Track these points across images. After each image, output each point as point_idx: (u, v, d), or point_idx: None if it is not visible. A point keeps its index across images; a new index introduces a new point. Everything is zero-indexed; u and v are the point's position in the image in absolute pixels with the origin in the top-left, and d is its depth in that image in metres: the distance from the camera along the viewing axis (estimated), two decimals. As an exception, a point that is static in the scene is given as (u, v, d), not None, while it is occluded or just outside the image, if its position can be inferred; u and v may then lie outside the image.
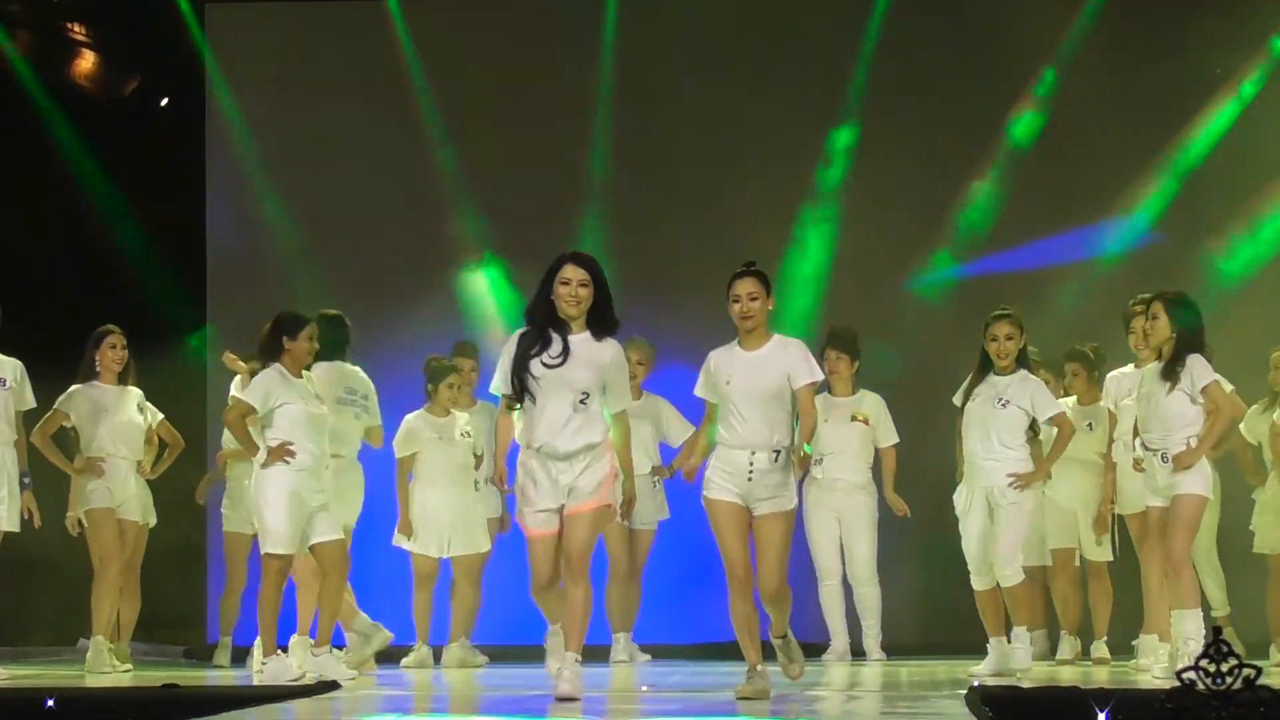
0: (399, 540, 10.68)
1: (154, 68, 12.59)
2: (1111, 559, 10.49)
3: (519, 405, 7.52)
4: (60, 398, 10.13)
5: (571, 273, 7.49)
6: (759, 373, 7.61)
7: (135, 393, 10.31)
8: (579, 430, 7.42)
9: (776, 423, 7.58)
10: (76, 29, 12.39)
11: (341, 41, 12.38)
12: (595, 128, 12.24)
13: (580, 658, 7.40)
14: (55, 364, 10.22)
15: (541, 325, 7.50)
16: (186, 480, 10.98)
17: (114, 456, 10.13)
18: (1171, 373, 8.63)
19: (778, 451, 7.56)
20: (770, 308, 7.67)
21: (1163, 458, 8.63)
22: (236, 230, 12.26)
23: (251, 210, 12.26)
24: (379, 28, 12.27)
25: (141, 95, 12.64)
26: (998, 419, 9.09)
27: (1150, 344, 8.98)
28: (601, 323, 7.54)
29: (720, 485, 7.62)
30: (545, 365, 7.43)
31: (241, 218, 12.27)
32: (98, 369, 10.18)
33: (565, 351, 7.43)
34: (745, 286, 7.64)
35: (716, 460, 7.66)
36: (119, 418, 10.16)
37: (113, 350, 10.20)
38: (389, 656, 10.33)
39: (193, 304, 12.27)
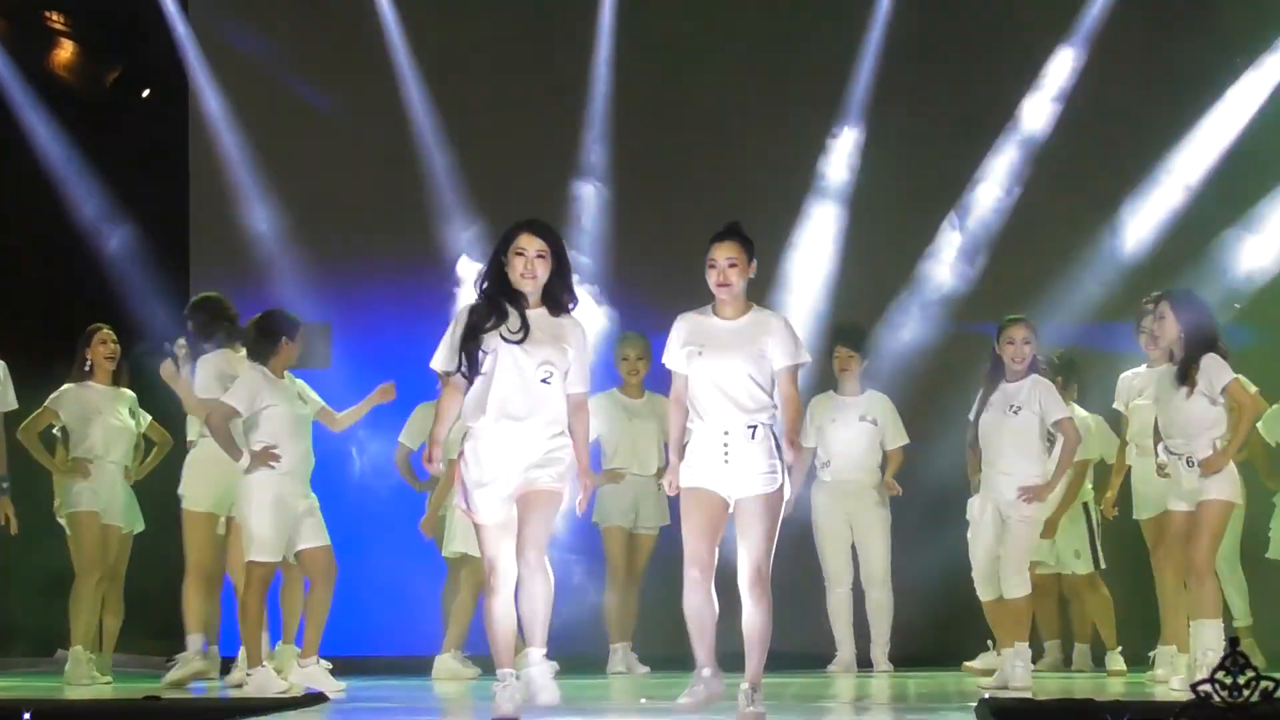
0: (451, 549, 10.35)
1: (136, 58, 12.58)
2: (1093, 570, 10.51)
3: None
4: (51, 395, 10.13)
5: (527, 242, 7.06)
6: (736, 344, 7.11)
7: (129, 395, 10.32)
8: (542, 411, 6.96)
9: (753, 400, 7.05)
10: (55, 18, 12.38)
11: (330, 29, 12.35)
12: (593, 118, 12.22)
13: (545, 653, 6.93)
14: (30, 361, 10.22)
15: (493, 298, 7.06)
16: (166, 483, 10.97)
17: (103, 460, 10.13)
18: (1186, 375, 8.62)
19: (754, 426, 7.03)
20: (751, 275, 7.20)
21: (1188, 462, 8.63)
22: (220, 225, 12.25)
23: (236, 205, 12.24)
24: (368, 14, 12.24)
25: (123, 86, 12.62)
26: (1010, 427, 9.11)
27: (1159, 345, 8.97)
28: (556, 298, 7.10)
29: (694, 471, 7.09)
30: (504, 339, 6.98)
31: (226, 212, 12.25)
32: (90, 367, 10.18)
33: (525, 326, 6.99)
34: (724, 251, 7.16)
35: (690, 448, 7.14)
36: (111, 421, 10.16)
37: (104, 346, 10.21)
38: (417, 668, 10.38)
39: (174, 303, 12.25)
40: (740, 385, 7.06)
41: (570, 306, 7.14)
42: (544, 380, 6.98)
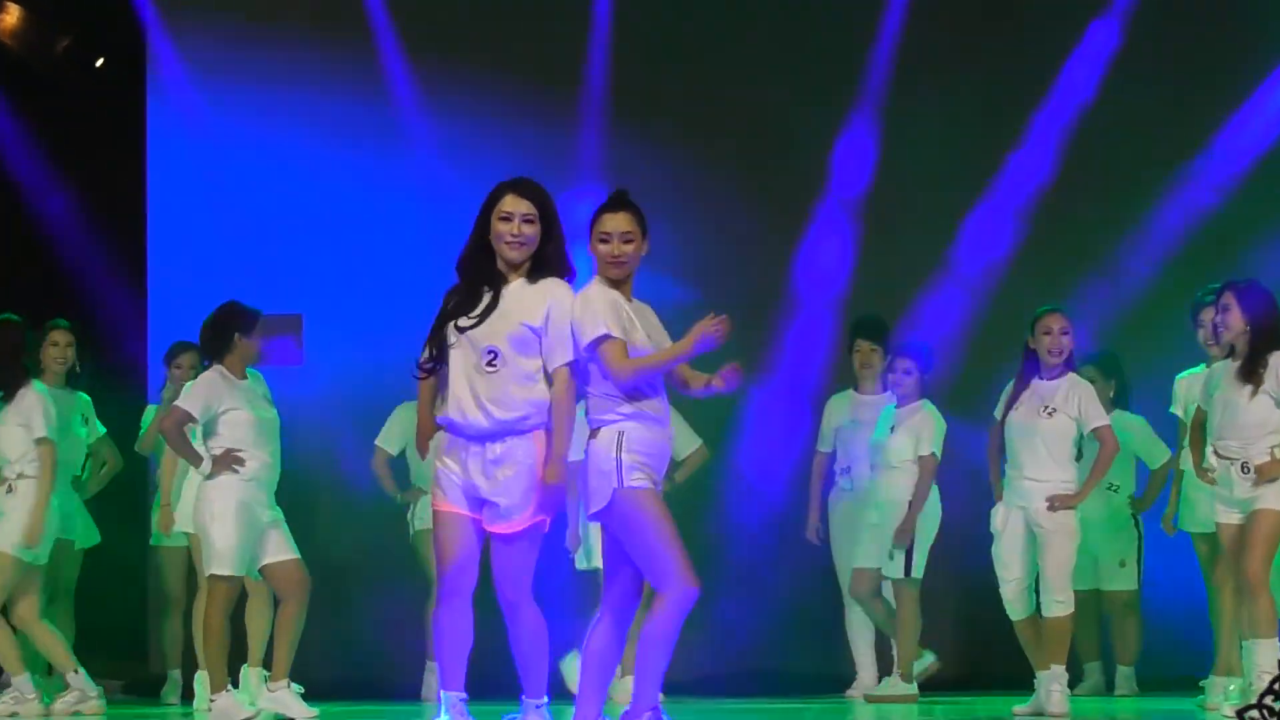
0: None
1: (88, 23, 12.58)
2: (1137, 588, 10.53)
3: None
4: None
5: (513, 205, 6.77)
6: (659, 328, 6.87)
7: (82, 400, 10.28)
8: (490, 402, 6.68)
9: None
10: (0, -20, 12.42)
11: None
12: (590, 98, 12.20)
13: (547, 701, 6.88)
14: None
15: (474, 279, 6.82)
16: (126, 494, 10.98)
17: (50, 468, 10.08)
18: (1251, 373, 8.61)
19: None
20: (645, 252, 6.82)
21: (1243, 468, 8.62)
22: (181, 207, 12.25)
23: (199, 184, 12.25)
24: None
25: (75, 55, 12.63)
26: (1043, 430, 9.11)
27: (1222, 339, 8.96)
28: (546, 268, 6.81)
29: (647, 472, 6.68)
30: (459, 328, 6.75)
31: (187, 192, 12.25)
32: (40, 369, 10.16)
33: (490, 308, 6.74)
34: (618, 223, 6.73)
35: (641, 434, 6.69)
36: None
37: (54, 348, 10.16)
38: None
39: (131, 289, 12.27)
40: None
41: (565, 278, 6.85)
42: (488, 363, 6.71)
